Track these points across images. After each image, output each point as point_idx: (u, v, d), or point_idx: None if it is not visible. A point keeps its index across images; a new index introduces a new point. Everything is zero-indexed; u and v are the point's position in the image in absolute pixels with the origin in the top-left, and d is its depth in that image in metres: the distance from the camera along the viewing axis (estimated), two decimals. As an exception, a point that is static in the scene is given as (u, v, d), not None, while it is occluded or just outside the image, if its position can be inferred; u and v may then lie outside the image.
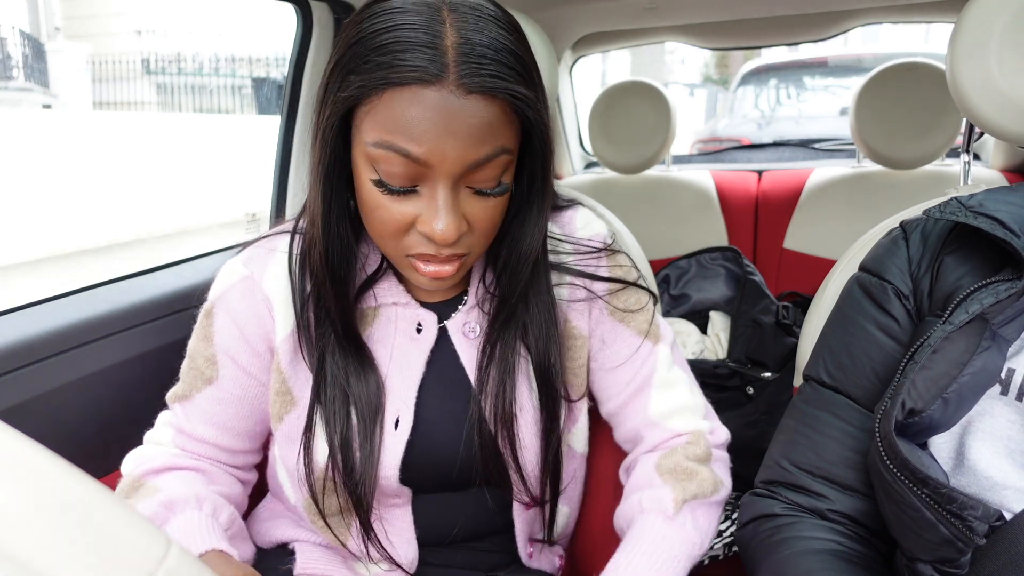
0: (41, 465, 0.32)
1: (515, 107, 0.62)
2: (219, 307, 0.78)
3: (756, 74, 5.10)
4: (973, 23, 0.82)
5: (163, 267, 1.14)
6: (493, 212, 0.66)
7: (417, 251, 0.66)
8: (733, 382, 1.56)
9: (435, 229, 0.63)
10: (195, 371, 0.79)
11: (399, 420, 0.75)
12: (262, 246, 0.79)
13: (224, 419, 0.79)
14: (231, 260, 0.80)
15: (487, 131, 0.61)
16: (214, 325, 0.78)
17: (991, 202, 0.66)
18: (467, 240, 0.66)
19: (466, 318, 0.79)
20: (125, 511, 0.33)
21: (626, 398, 0.83)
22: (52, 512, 0.31)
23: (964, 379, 0.61)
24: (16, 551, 0.28)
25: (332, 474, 0.74)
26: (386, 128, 0.60)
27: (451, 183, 0.62)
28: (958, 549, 0.59)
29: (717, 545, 1.53)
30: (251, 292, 0.76)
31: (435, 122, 0.59)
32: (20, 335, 0.86)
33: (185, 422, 0.79)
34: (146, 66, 12.03)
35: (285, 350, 0.76)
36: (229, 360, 0.77)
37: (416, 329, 0.78)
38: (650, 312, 0.83)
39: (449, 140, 0.60)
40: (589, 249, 0.81)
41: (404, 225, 0.65)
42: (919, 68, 1.71)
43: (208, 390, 0.78)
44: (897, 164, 1.75)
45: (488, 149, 0.62)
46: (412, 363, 0.77)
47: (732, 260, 1.82)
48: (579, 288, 0.80)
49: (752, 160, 2.32)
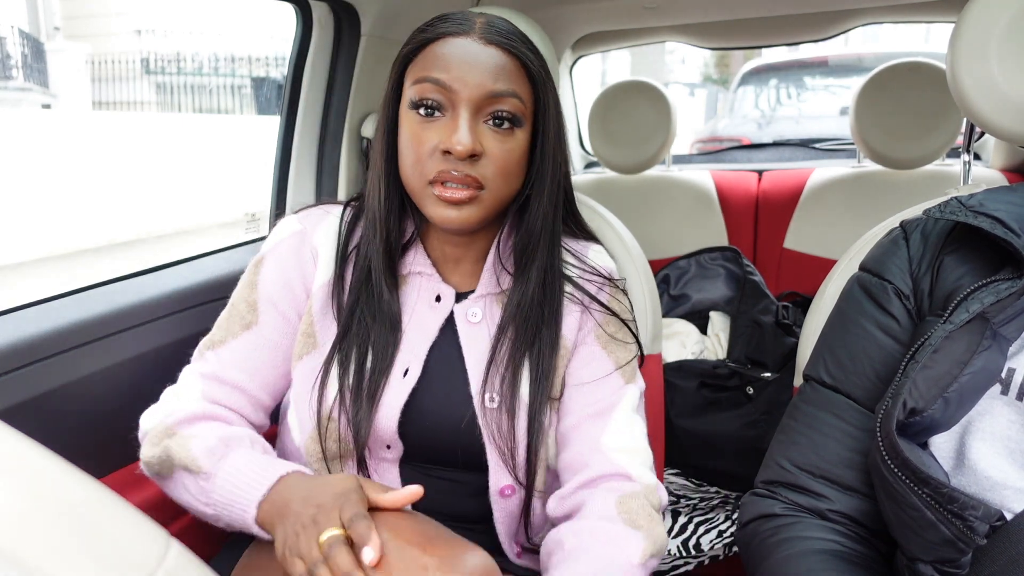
0: (41, 465, 0.32)
1: (527, 72, 0.78)
2: (269, 257, 0.87)
3: (756, 74, 5.10)
4: (973, 23, 0.82)
5: (163, 267, 1.14)
6: (507, 152, 0.78)
7: (437, 171, 0.76)
8: (733, 382, 1.56)
9: (453, 140, 0.74)
10: (235, 317, 0.85)
11: (408, 370, 0.82)
12: (319, 208, 0.90)
13: (257, 365, 0.84)
14: (287, 217, 0.91)
15: (502, 72, 0.77)
16: (261, 272, 0.86)
17: (991, 201, 0.66)
18: (482, 168, 0.77)
19: (472, 306, 0.86)
20: (125, 511, 0.33)
21: (582, 419, 0.83)
22: (52, 512, 0.31)
23: (965, 378, 0.61)
24: (16, 551, 0.28)
25: (338, 415, 0.80)
26: (424, 68, 0.77)
27: (472, 109, 0.76)
28: (959, 549, 0.59)
29: (717, 545, 1.53)
30: (301, 244, 0.87)
31: (460, 57, 0.76)
32: (20, 335, 0.86)
33: (218, 367, 0.83)
34: (146, 66, 12.03)
35: (319, 296, 0.85)
36: (271, 306, 0.85)
37: (436, 298, 0.86)
38: (632, 353, 0.88)
39: (471, 70, 0.75)
40: (594, 272, 0.88)
41: (430, 148, 0.76)
42: (919, 68, 1.71)
43: (245, 335, 0.84)
44: (897, 164, 1.75)
45: (503, 86, 0.76)
46: (428, 327, 0.85)
47: (732, 260, 1.82)
48: (576, 301, 0.86)
49: (752, 160, 2.32)
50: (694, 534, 1.55)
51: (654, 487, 0.81)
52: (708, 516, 1.58)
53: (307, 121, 1.31)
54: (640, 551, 0.74)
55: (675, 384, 1.55)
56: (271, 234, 0.89)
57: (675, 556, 1.53)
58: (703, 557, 1.53)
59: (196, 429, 0.78)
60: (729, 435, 1.51)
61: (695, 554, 1.53)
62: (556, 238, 0.86)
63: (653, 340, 1.08)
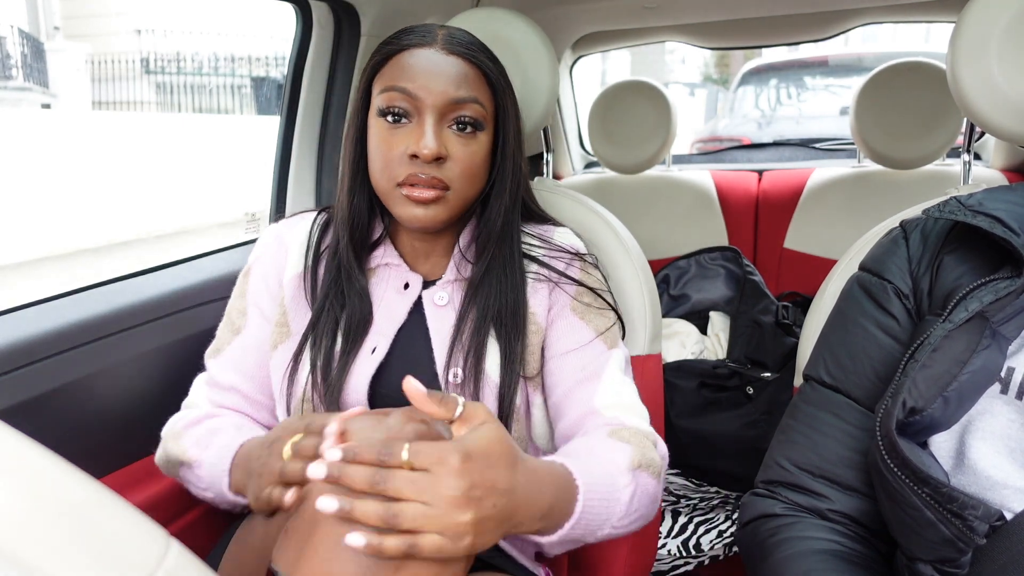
0: (41, 465, 0.32)
1: (487, 79, 0.84)
2: (255, 265, 0.93)
3: (756, 74, 5.09)
4: (973, 23, 0.82)
5: (163, 267, 1.14)
6: (471, 155, 0.82)
7: (406, 174, 0.80)
8: (733, 382, 1.56)
9: (420, 145, 0.78)
10: (228, 325, 0.92)
11: (376, 348, 0.86)
12: (300, 214, 0.97)
13: (248, 366, 0.90)
14: (266, 230, 0.97)
15: (463, 79, 0.81)
16: (249, 281, 0.93)
17: (990, 201, 0.66)
18: (447, 171, 0.81)
19: (439, 291, 0.89)
20: (125, 511, 0.33)
21: (572, 386, 0.84)
22: (52, 512, 0.31)
23: (964, 377, 0.61)
24: (16, 551, 0.28)
25: (312, 395, 0.84)
26: (391, 78, 0.82)
27: (436, 115, 0.80)
28: (958, 549, 0.59)
29: (717, 545, 1.53)
30: (279, 246, 0.93)
31: (424, 67, 0.81)
32: (20, 335, 0.86)
33: (217, 373, 0.90)
34: (145, 66, 12.03)
35: (290, 287, 0.90)
36: (256, 309, 0.91)
37: (404, 286, 0.90)
38: (611, 320, 0.89)
39: (434, 79, 0.80)
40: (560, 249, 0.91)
41: (397, 154, 0.80)
42: (919, 68, 1.71)
43: (236, 340, 0.91)
44: (898, 164, 1.74)
45: (464, 92, 0.81)
46: (396, 311, 0.88)
47: (732, 260, 1.82)
48: (542, 279, 0.89)
49: (752, 160, 2.32)
50: (694, 534, 1.55)
51: (650, 434, 0.80)
52: (708, 516, 1.58)
53: (307, 121, 1.31)
54: (628, 457, 0.73)
55: (675, 384, 1.55)
56: (256, 244, 0.95)
57: (675, 556, 1.53)
58: (703, 557, 1.53)
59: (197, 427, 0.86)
60: (729, 435, 1.51)
61: (695, 554, 1.53)
62: (514, 229, 0.90)
63: (653, 340, 1.08)
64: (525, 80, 1.12)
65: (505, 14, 1.14)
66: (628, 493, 0.71)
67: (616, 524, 0.71)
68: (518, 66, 1.11)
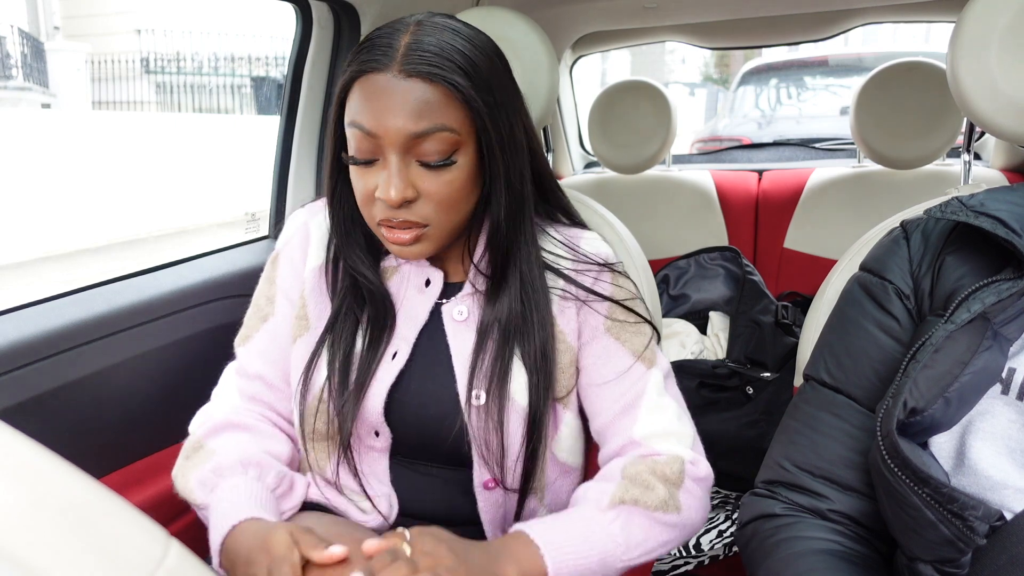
0: (41, 465, 0.32)
1: (457, 95, 0.73)
2: (283, 252, 0.91)
3: (756, 74, 5.09)
4: (973, 23, 0.82)
5: (164, 267, 1.14)
6: (446, 186, 0.75)
7: (380, 218, 0.77)
8: (732, 382, 1.56)
9: (385, 191, 0.74)
10: (256, 312, 0.90)
11: (397, 353, 0.83)
12: (323, 200, 0.90)
13: (276, 355, 0.88)
14: (297, 211, 0.94)
15: (425, 108, 0.72)
16: (278, 268, 0.90)
17: (992, 202, 0.66)
18: (421, 210, 0.76)
19: (459, 304, 0.85)
20: (125, 511, 0.33)
21: (613, 416, 0.83)
22: (52, 512, 0.31)
23: (966, 378, 0.61)
24: (16, 551, 0.28)
25: (326, 396, 0.82)
26: (353, 111, 0.74)
27: (399, 153, 0.73)
28: (958, 549, 0.59)
29: (717, 545, 1.53)
30: (305, 236, 0.90)
31: (380, 99, 0.72)
32: (20, 335, 0.86)
33: (245, 360, 0.89)
34: (146, 65, 12.03)
35: (311, 279, 0.88)
36: (284, 298, 0.89)
37: (425, 282, 0.87)
38: (647, 337, 0.85)
39: (390, 114, 0.72)
40: (587, 261, 0.86)
41: (370, 193, 0.76)
42: (919, 68, 1.71)
43: (264, 327, 0.89)
44: (898, 164, 1.75)
45: (426, 124, 0.72)
46: (418, 311, 0.86)
47: (731, 260, 1.82)
48: (570, 298, 0.85)
49: (752, 160, 2.32)
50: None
51: (680, 458, 0.80)
52: (708, 516, 1.58)
53: (307, 121, 1.31)
54: (609, 496, 0.76)
55: (675, 384, 1.55)
56: (284, 229, 0.93)
57: (675, 556, 1.53)
58: (703, 557, 1.53)
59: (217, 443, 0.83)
60: (729, 435, 1.51)
61: (695, 554, 1.53)
62: (526, 240, 0.83)
63: (653, 340, 1.08)
64: (525, 80, 1.12)
65: (505, 14, 1.14)
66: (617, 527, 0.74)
67: (625, 557, 0.74)
68: (518, 66, 1.11)
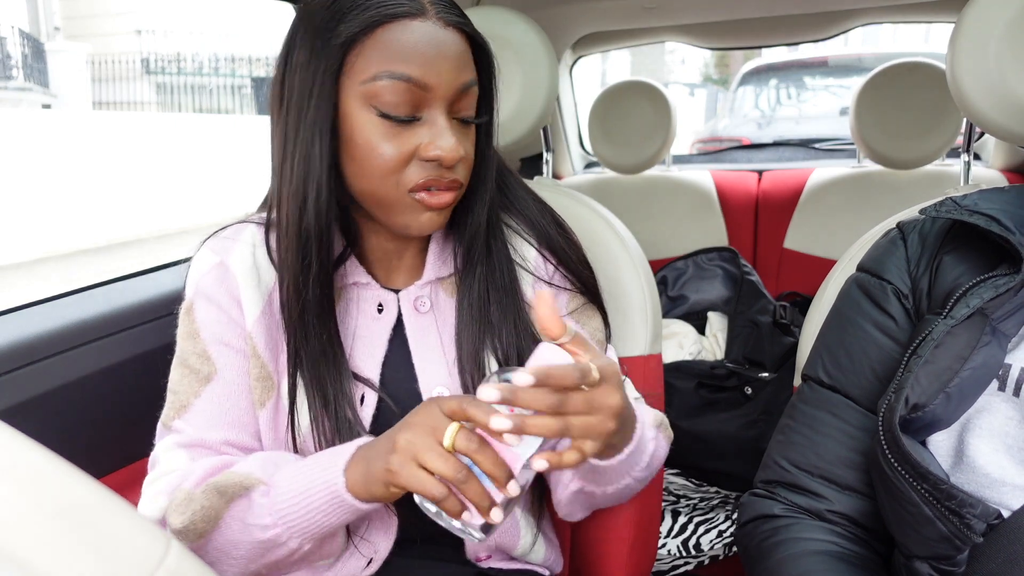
0: (41, 465, 0.32)
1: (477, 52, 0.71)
2: (198, 299, 0.76)
3: (756, 74, 5.09)
4: (973, 23, 0.82)
5: (163, 267, 1.14)
6: (472, 146, 0.73)
7: (421, 180, 0.68)
8: (731, 382, 1.56)
9: (442, 148, 0.67)
10: (189, 375, 0.74)
11: (364, 396, 0.76)
12: (228, 233, 0.79)
13: (234, 414, 0.74)
14: (200, 252, 0.79)
15: (465, 60, 0.69)
16: (196, 319, 0.75)
17: (985, 202, 0.67)
18: (461, 169, 0.71)
19: (419, 292, 0.80)
20: (125, 511, 0.33)
21: None
22: (52, 512, 0.31)
23: (966, 373, 0.61)
24: (16, 551, 0.28)
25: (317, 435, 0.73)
26: (384, 58, 0.66)
27: (446, 108, 0.69)
28: (955, 547, 0.59)
29: (717, 545, 1.53)
30: (224, 276, 0.76)
31: (428, 47, 0.66)
32: (20, 335, 0.86)
33: (194, 433, 0.72)
34: (146, 66, 12.04)
35: (258, 332, 0.74)
36: (223, 347, 0.74)
37: (377, 309, 0.79)
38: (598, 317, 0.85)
39: (443, 63, 0.67)
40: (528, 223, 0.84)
41: (406, 156, 0.68)
42: (919, 68, 1.71)
43: (208, 389, 0.73)
44: (897, 164, 1.75)
45: (468, 76, 0.70)
46: (375, 342, 0.78)
47: (729, 260, 1.83)
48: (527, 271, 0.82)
49: (752, 160, 2.32)
50: (694, 534, 1.55)
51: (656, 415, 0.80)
52: (708, 516, 1.58)
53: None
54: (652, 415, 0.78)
55: (673, 385, 1.55)
56: (189, 275, 0.78)
57: (675, 556, 1.53)
58: (703, 557, 1.53)
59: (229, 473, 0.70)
60: (728, 435, 1.51)
61: (695, 554, 1.53)
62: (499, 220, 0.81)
63: (654, 340, 1.08)
64: (525, 80, 1.12)
65: (505, 13, 1.14)
66: (652, 447, 0.74)
67: (636, 475, 0.73)
68: (518, 66, 1.11)
